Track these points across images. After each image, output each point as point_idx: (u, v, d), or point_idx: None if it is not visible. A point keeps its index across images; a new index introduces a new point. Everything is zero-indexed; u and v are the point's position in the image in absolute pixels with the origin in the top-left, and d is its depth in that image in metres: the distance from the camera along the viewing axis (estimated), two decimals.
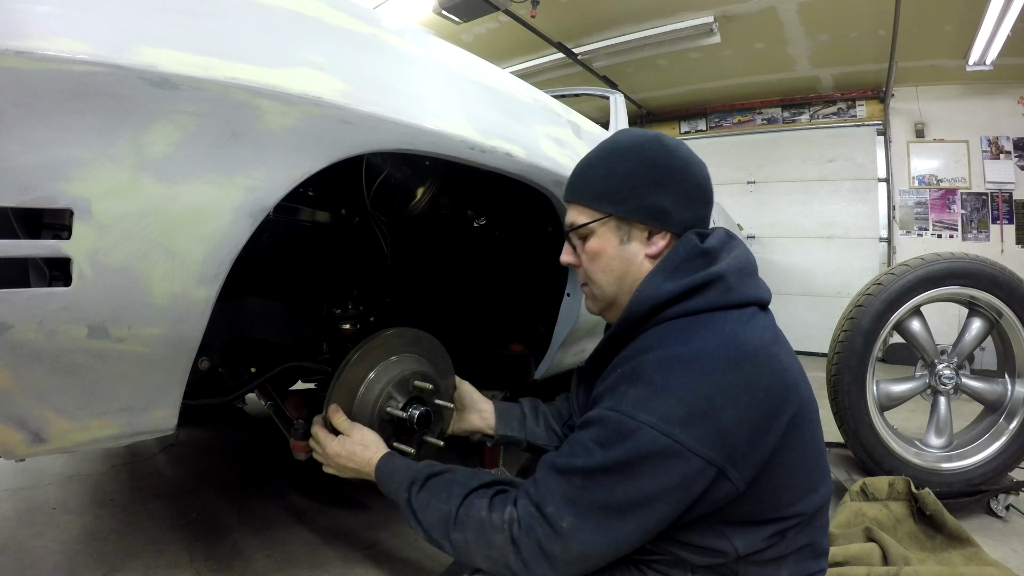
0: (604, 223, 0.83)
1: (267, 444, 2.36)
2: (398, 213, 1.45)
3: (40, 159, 0.59)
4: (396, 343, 1.06)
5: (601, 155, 0.85)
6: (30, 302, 0.63)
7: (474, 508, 0.74)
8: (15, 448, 0.69)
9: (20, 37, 0.55)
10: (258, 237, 0.78)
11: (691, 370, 0.68)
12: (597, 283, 0.86)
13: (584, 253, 0.86)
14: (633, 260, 0.82)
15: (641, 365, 0.71)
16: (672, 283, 0.76)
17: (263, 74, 0.72)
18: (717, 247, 0.80)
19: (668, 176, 0.80)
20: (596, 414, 0.72)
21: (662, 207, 0.80)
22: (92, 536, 1.54)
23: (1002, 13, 3.45)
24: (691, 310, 0.74)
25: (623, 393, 0.70)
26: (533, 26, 4.07)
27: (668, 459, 0.65)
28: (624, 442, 0.67)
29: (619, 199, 0.81)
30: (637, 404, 0.68)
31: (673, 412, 0.66)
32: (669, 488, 0.66)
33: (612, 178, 0.82)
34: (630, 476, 0.67)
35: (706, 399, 0.66)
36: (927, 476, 1.83)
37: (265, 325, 1.39)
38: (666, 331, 0.74)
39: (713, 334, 0.71)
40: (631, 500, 0.67)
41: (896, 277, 1.85)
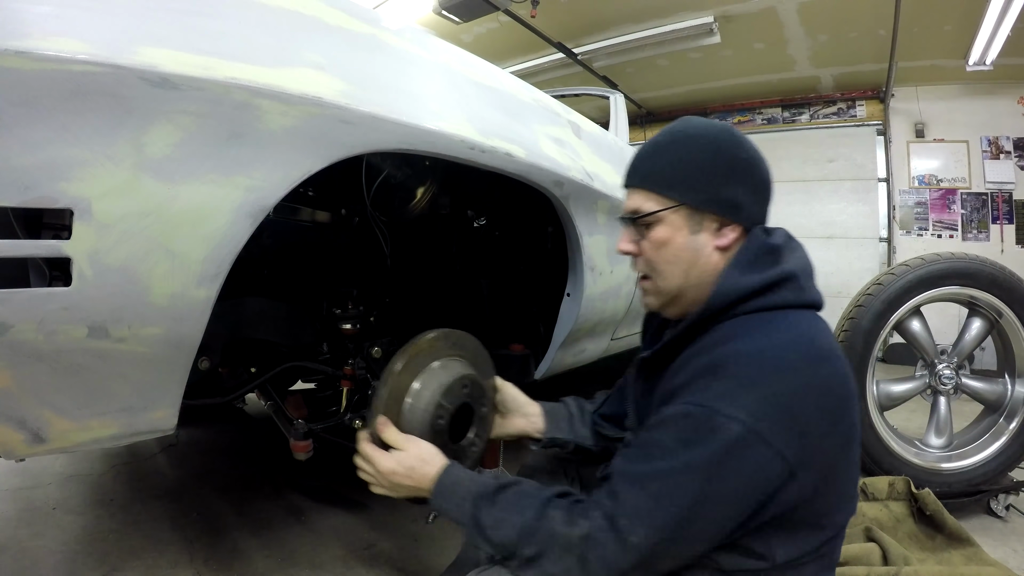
0: (675, 212, 0.78)
1: (267, 444, 2.35)
2: (398, 213, 1.45)
3: (40, 159, 0.59)
4: (440, 346, 0.99)
5: (671, 141, 0.81)
6: (30, 302, 0.63)
7: (550, 522, 0.69)
8: (15, 448, 0.69)
9: (20, 37, 0.55)
10: (258, 237, 0.78)
11: (773, 366, 0.66)
12: (662, 274, 0.81)
13: (648, 242, 0.81)
14: (702, 251, 0.79)
15: (722, 358, 0.68)
16: (749, 278, 0.74)
17: (263, 74, 0.72)
18: (782, 245, 0.79)
19: (741, 169, 0.79)
20: (677, 410, 0.68)
21: (735, 199, 0.78)
22: (92, 536, 1.54)
23: (1002, 13, 3.44)
24: (766, 306, 0.73)
25: (704, 387, 0.67)
26: (533, 26, 4.07)
27: (752, 456, 0.63)
28: (709, 438, 0.63)
29: (693, 188, 0.78)
30: (721, 397, 0.65)
31: (759, 407, 0.64)
32: (749, 488, 0.64)
33: (685, 166, 0.78)
34: (713, 475, 0.63)
35: (789, 396, 0.65)
36: (927, 476, 1.83)
37: (265, 325, 1.39)
38: (744, 325, 0.72)
39: (790, 332, 0.70)
40: (711, 502, 0.64)
41: (896, 277, 1.85)
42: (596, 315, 1.62)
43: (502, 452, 1.96)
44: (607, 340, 1.90)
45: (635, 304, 1.90)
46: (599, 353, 1.92)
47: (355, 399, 1.37)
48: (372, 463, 0.84)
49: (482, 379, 1.03)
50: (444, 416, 0.93)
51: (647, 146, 0.84)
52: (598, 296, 1.56)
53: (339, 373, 1.38)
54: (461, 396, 0.96)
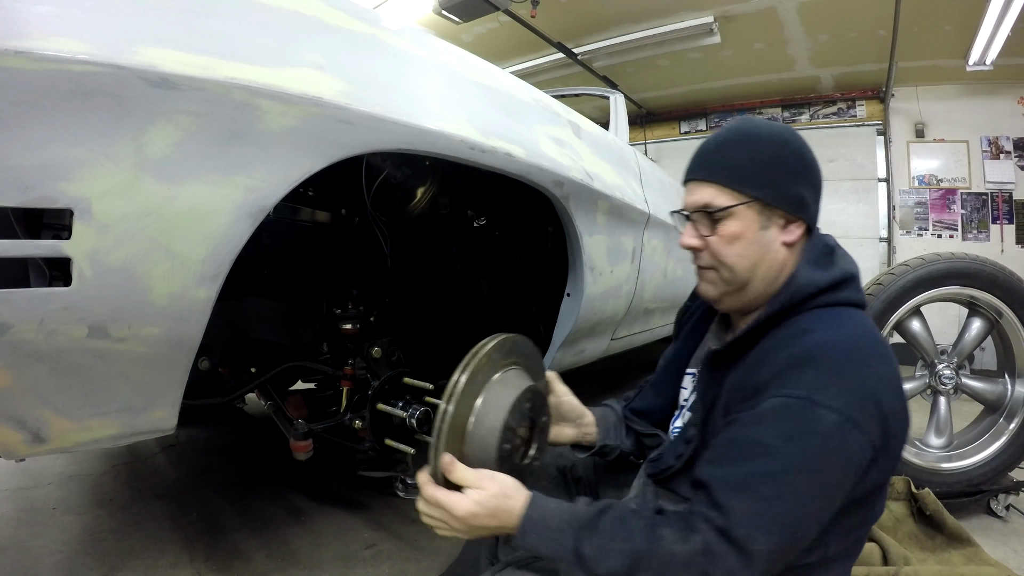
0: (748, 207, 0.80)
1: (267, 444, 2.35)
2: (398, 213, 1.45)
3: (40, 159, 0.59)
4: (497, 357, 0.85)
5: (740, 138, 0.82)
6: (30, 302, 0.63)
7: (663, 542, 0.65)
8: (15, 448, 0.69)
9: (20, 37, 0.55)
10: (258, 237, 0.78)
11: (857, 356, 0.69)
12: (730, 267, 0.81)
13: (718, 236, 0.81)
14: (770, 247, 0.80)
15: (810, 349, 0.69)
16: (822, 274, 0.77)
17: (263, 74, 0.72)
18: (835, 247, 0.83)
19: (807, 168, 0.82)
20: (774, 404, 0.67)
21: (802, 197, 0.81)
22: (92, 536, 1.54)
23: (1002, 13, 3.44)
24: (834, 302, 0.76)
25: (796, 378, 0.67)
26: (533, 26, 4.07)
27: (850, 444, 0.65)
28: (810, 431, 0.64)
29: (765, 184, 0.79)
30: (816, 388, 0.66)
31: (850, 396, 0.65)
32: (848, 475, 0.66)
33: (757, 162, 0.80)
34: (820, 468, 0.64)
35: (873, 384, 0.67)
36: (927, 476, 1.83)
37: (265, 325, 1.39)
38: (819, 318, 0.74)
39: (860, 326, 0.74)
40: (820, 495, 0.65)
41: (896, 277, 1.85)
42: (596, 315, 1.62)
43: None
44: (607, 340, 1.90)
45: (635, 304, 1.90)
46: (599, 353, 1.92)
47: (355, 399, 1.37)
48: (445, 508, 0.71)
49: (542, 388, 0.91)
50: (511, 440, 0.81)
51: (714, 142, 0.84)
52: (598, 296, 1.56)
53: (339, 373, 1.38)
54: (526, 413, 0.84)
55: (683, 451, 0.82)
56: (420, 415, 1.33)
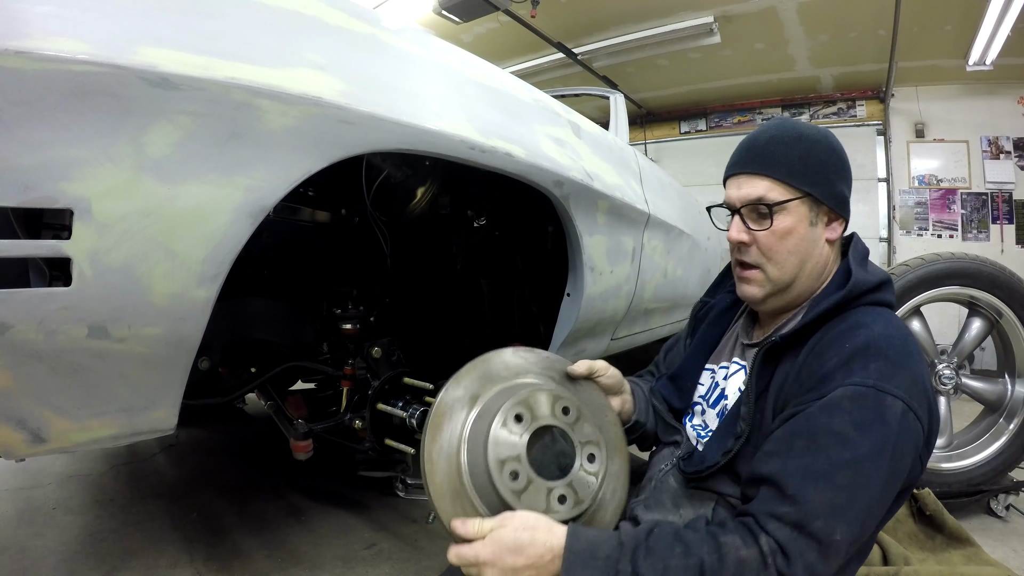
0: (801, 203, 0.81)
1: (267, 444, 2.35)
2: (398, 213, 1.45)
3: (40, 159, 0.59)
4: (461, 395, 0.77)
5: (790, 135, 0.83)
6: (30, 302, 0.63)
7: (729, 549, 0.61)
8: (15, 448, 0.69)
9: (20, 37, 0.55)
10: (258, 237, 0.78)
11: (909, 350, 0.71)
12: (779, 263, 0.81)
13: (770, 232, 0.80)
14: (817, 243, 0.82)
15: (873, 340, 0.70)
16: (870, 275, 0.79)
17: (263, 74, 0.72)
18: (867, 252, 0.87)
19: (847, 168, 0.86)
20: (844, 393, 0.66)
21: (845, 196, 0.84)
22: (92, 536, 1.54)
23: (1002, 13, 3.44)
24: (878, 301, 0.78)
25: (863, 367, 0.68)
26: (533, 26, 4.07)
27: (913, 430, 0.67)
28: (882, 419, 0.65)
29: (817, 181, 0.81)
30: (884, 376, 0.67)
31: (911, 385, 0.67)
32: (912, 460, 0.68)
33: (809, 159, 0.82)
34: (895, 454, 0.65)
35: (924, 376, 0.70)
36: (927, 476, 1.83)
37: (265, 325, 1.39)
38: (870, 314, 0.76)
39: (903, 326, 0.76)
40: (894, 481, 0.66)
41: (896, 277, 1.85)
42: (596, 315, 1.62)
43: None
44: (607, 340, 1.90)
45: (635, 304, 1.90)
46: (599, 353, 1.92)
47: (355, 399, 1.37)
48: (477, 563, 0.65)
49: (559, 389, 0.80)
50: (519, 470, 0.71)
51: (764, 137, 0.84)
52: (598, 296, 1.56)
53: (339, 373, 1.38)
54: (526, 429, 0.73)
55: (731, 446, 0.77)
56: (420, 415, 1.33)
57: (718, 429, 0.84)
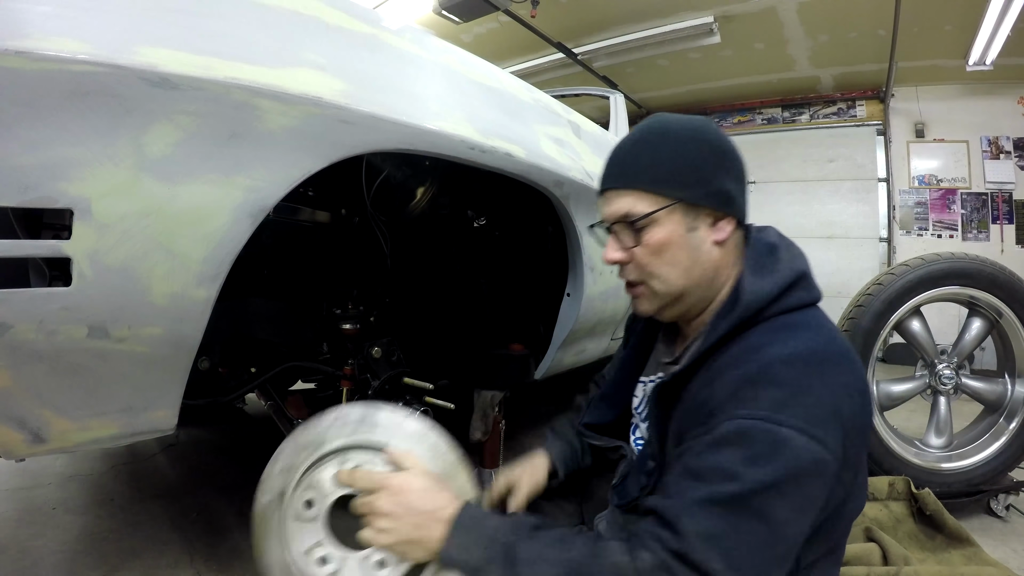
0: (671, 210, 0.74)
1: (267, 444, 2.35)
2: (398, 213, 1.45)
3: (40, 159, 0.59)
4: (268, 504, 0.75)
5: (652, 137, 0.77)
6: (30, 302, 0.63)
7: (607, 553, 0.61)
8: (15, 448, 0.69)
9: (20, 37, 0.55)
10: (258, 237, 0.78)
11: (815, 369, 0.64)
12: (661, 277, 0.76)
13: (644, 247, 0.75)
14: (701, 248, 0.75)
15: (764, 366, 0.65)
16: (769, 281, 0.72)
17: (263, 74, 0.72)
18: (778, 243, 0.78)
19: (729, 159, 0.77)
20: (732, 427, 0.62)
21: (728, 191, 0.75)
22: (92, 536, 1.54)
23: (1002, 13, 3.44)
24: (787, 308, 0.71)
25: (753, 398, 0.63)
26: (533, 26, 4.07)
27: (819, 466, 0.60)
28: (778, 454, 0.59)
29: (687, 183, 0.74)
30: (777, 407, 0.61)
31: (814, 413, 0.61)
32: (817, 495, 0.62)
33: (674, 160, 0.74)
34: (786, 494, 0.59)
35: (834, 398, 0.63)
36: (927, 476, 1.83)
37: (265, 325, 1.39)
38: (771, 330, 0.70)
39: (815, 332, 0.69)
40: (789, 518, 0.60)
41: (896, 277, 1.85)
42: (596, 315, 1.62)
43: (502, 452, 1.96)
44: (607, 340, 1.90)
45: None
46: (599, 353, 1.92)
47: (355, 399, 1.37)
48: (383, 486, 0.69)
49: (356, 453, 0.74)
50: (325, 554, 0.70)
51: (626, 145, 0.79)
52: (598, 296, 1.56)
53: (339, 373, 1.38)
54: (318, 512, 0.71)
55: (645, 483, 0.77)
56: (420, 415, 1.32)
57: (636, 462, 0.84)
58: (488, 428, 1.85)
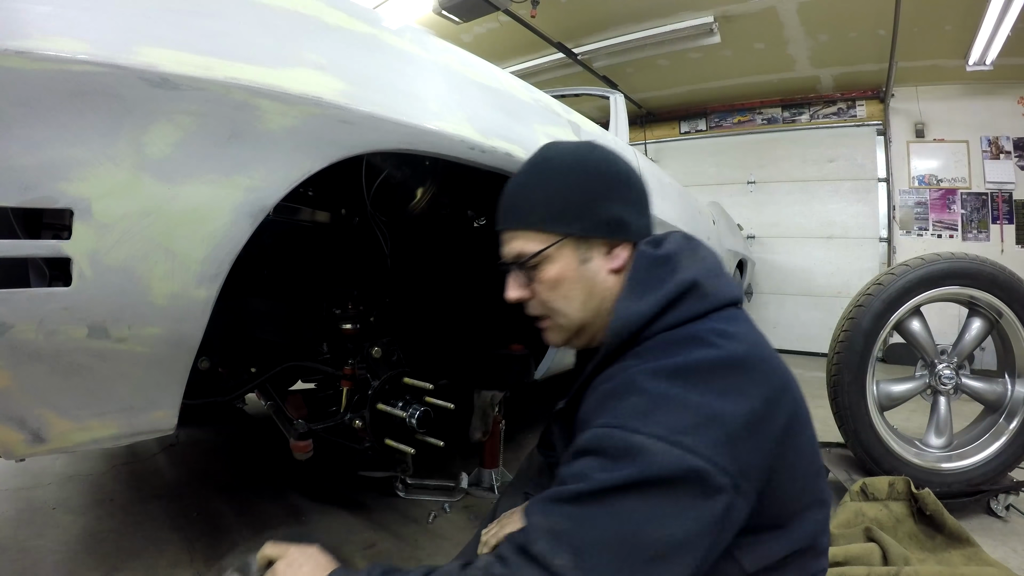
0: (560, 247, 0.75)
1: (267, 444, 2.36)
2: (398, 213, 1.45)
3: (40, 159, 0.59)
4: None
5: (539, 173, 0.78)
6: (30, 302, 0.63)
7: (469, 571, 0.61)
8: (15, 448, 0.69)
9: (20, 37, 0.55)
10: (258, 237, 0.78)
11: (687, 378, 0.63)
12: (561, 312, 0.78)
13: (540, 283, 0.77)
14: (596, 278, 0.76)
15: (631, 377, 0.65)
16: (645, 302, 0.70)
17: (263, 74, 0.72)
18: (677, 251, 0.76)
19: (618, 184, 0.77)
20: (590, 437, 0.62)
21: (620, 217, 0.76)
22: (92, 536, 1.54)
23: (1002, 13, 3.45)
24: (672, 323, 0.69)
25: (614, 407, 0.63)
26: (533, 26, 4.07)
27: (685, 476, 0.57)
28: (631, 461, 0.58)
29: (574, 217, 0.75)
30: (635, 416, 0.60)
31: (679, 421, 0.59)
32: (692, 515, 0.57)
33: (561, 196, 0.75)
34: (648, 497, 0.57)
35: (708, 406, 0.60)
36: (927, 476, 1.83)
37: (265, 325, 1.39)
38: (650, 348, 0.69)
39: (701, 344, 0.66)
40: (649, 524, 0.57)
41: (896, 277, 1.85)
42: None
43: (502, 452, 1.96)
44: None
45: None
46: None
47: (355, 399, 1.37)
48: None
49: None
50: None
51: (514, 185, 0.80)
52: None
53: (339, 373, 1.38)
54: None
55: None
56: (420, 415, 1.33)
57: None
58: (488, 428, 1.85)
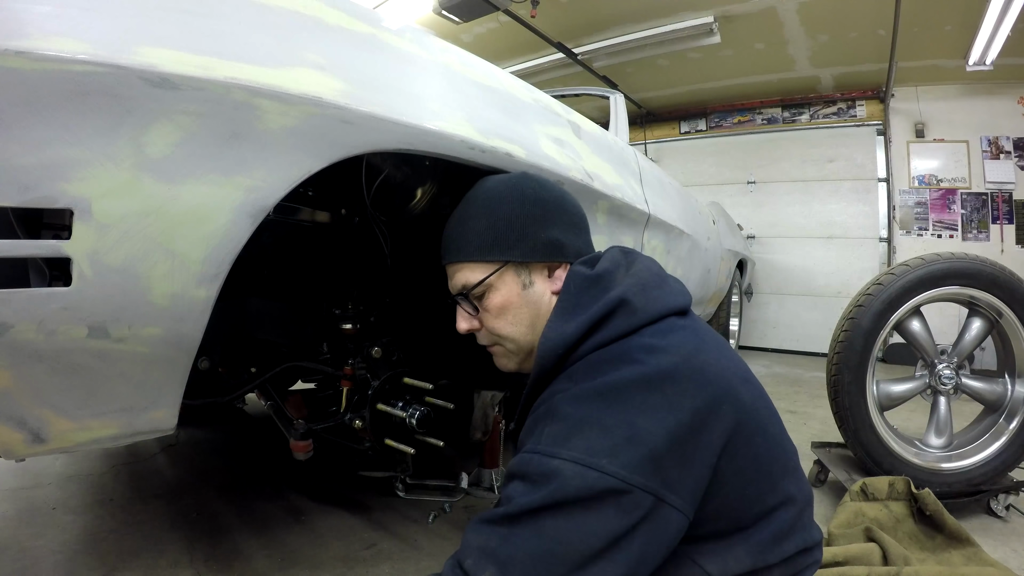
0: (501, 274, 0.79)
1: (267, 444, 2.36)
2: (398, 213, 1.45)
3: (40, 159, 0.59)
4: None
5: (475, 206, 0.82)
6: (30, 302, 0.63)
7: None
8: (15, 448, 0.69)
9: (20, 37, 0.55)
10: (258, 237, 0.78)
11: (608, 399, 0.64)
12: (509, 338, 0.81)
13: (487, 312, 0.80)
14: (540, 302, 0.80)
15: (555, 403, 0.67)
16: (572, 323, 0.72)
17: (263, 74, 0.72)
18: (611, 268, 0.77)
19: (552, 208, 0.80)
20: (516, 461, 0.66)
21: (555, 239, 0.79)
22: (92, 536, 1.54)
23: (1002, 13, 3.45)
24: (601, 343, 0.71)
25: (539, 434, 0.66)
26: (533, 26, 4.07)
27: (601, 495, 0.59)
28: (548, 483, 0.60)
29: (511, 244, 0.78)
30: (555, 441, 0.63)
31: (596, 443, 0.61)
32: (611, 530, 0.59)
33: (498, 224, 0.79)
34: (571, 516, 0.59)
35: (629, 425, 0.61)
36: (927, 476, 1.83)
37: (265, 325, 1.39)
38: (578, 370, 0.71)
39: (626, 361, 0.67)
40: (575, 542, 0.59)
41: (896, 277, 1.85)
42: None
43: (502, 452, 1.96)
44: None
45: None
46: None
47: (355, 399, 1.37)
48: None
49: None
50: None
51: (452, 221, 0.84)
52: None
53: (339, 373, 1.38)
54: None
55: None
56: (420, 415, 1.33)
57: None
58: (488, 428, 1.85)
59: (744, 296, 5.14)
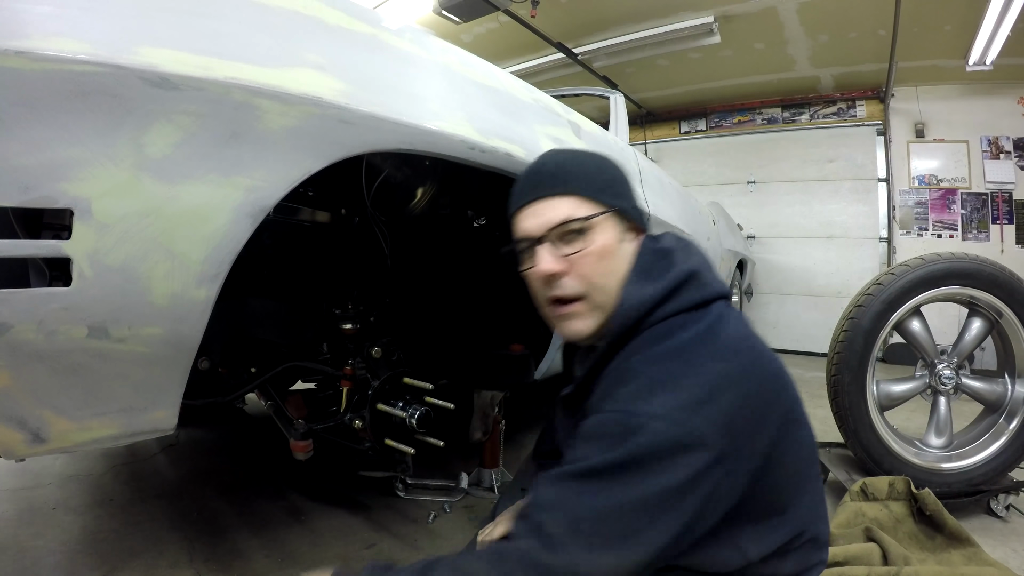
0: (609, 217, 0.75)
1: (267, 444, 2.36)
2: (398, 213, 1.45)
3: (40, 159, 0.59)
4: None
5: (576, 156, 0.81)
6: (30, 302, 0.63)
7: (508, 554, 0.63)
8: (15, 448, 0.69)
9: (20, 37, 0.55)
10: (258, 237, 0.78)
11: (685, 361, 0.66)
12: (602, 288, 0.74)
13: (584, 255, 0.73)
14: (626, 260, 0.77)
15: (631, 364, 0.68)
16: (652, 287, 0.72)
17: (263, 74, 0.72)
18: (674, 247, 0.78)
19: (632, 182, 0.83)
20: (593, 421, 0.66)
21: (641, 207, 0.82)
22: (92, 536, 1.54)
23: (1002, 13, 3.44)
24: (673, 311, 0.71)
25: (614, 394, 0.66)
26: (533, 26, 4.07)
27: (681, 450, 0.60)
28: (629, 439, 0.61)
29: (620, 193, 0.77)
30: (635, 399, 0.64)
31: (676, 400, 0.62)
32: (683, 485, 0.60)
33: (609, 171, 0.79)
34: (639, 474, 0.60)
35: (706, 386, 0.63)
36: (927, 476, 1.83)
37: (265, 325, 1.39)
38: (653, 334, 0.71)
39: (701, 329, 0.69)
40: (640, 503, 0.60)
41: (896, 277, 1.85)
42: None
43: (502, 452, 1.96)
44: None
45: None
46: None
47: (355, 399, 1.37)
48: None
49: None
50: None
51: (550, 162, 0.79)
52: None
53: (339, 373, 1.38)
54: None
55: None
56: (420, 415, 1.33)
57: None
58: (488, 428, 1.85)
59: (744, 296, 5.14)
